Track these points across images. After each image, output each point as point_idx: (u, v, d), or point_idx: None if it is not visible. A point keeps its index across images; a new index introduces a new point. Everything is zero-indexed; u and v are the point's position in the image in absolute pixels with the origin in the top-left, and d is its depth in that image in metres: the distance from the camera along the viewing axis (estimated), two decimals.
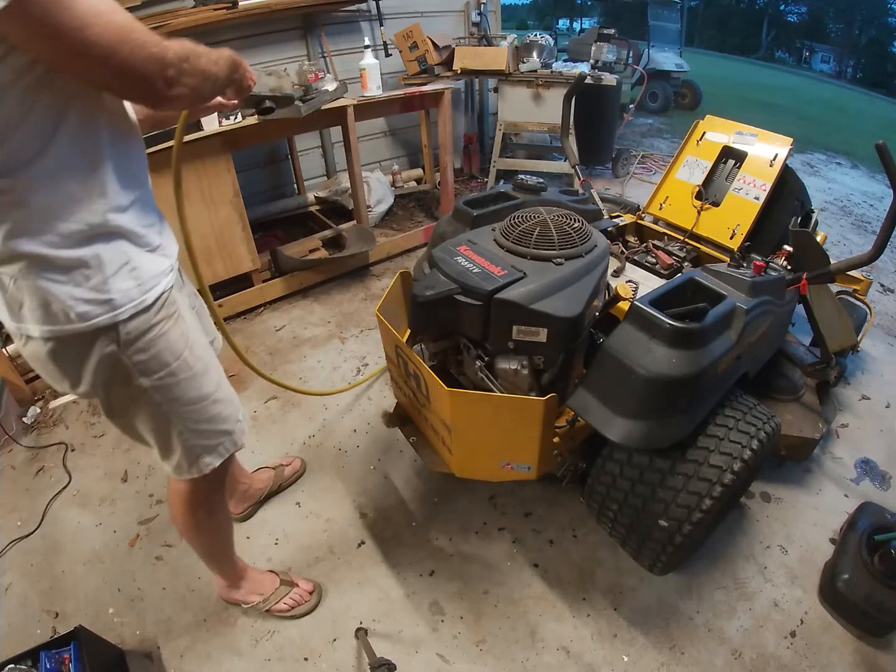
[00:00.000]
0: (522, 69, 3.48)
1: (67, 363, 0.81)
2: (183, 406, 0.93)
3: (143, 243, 0.84)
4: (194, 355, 0.93)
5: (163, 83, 0.69)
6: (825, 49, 18.69)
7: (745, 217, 1.75)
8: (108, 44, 0.62)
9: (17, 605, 1.42)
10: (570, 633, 1.34)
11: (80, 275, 0.75)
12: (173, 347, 0.88)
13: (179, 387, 0.91)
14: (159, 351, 0.86)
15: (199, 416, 0.96)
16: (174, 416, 0.93)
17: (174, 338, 0.88)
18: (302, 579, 1.41)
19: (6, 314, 0.78)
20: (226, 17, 2.53)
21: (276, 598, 1.35)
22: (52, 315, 0.75)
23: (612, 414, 1.10)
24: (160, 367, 0.87)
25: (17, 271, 0.73)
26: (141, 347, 0.84)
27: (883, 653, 1.31)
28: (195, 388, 0.93)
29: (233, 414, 1.03)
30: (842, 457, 1.83)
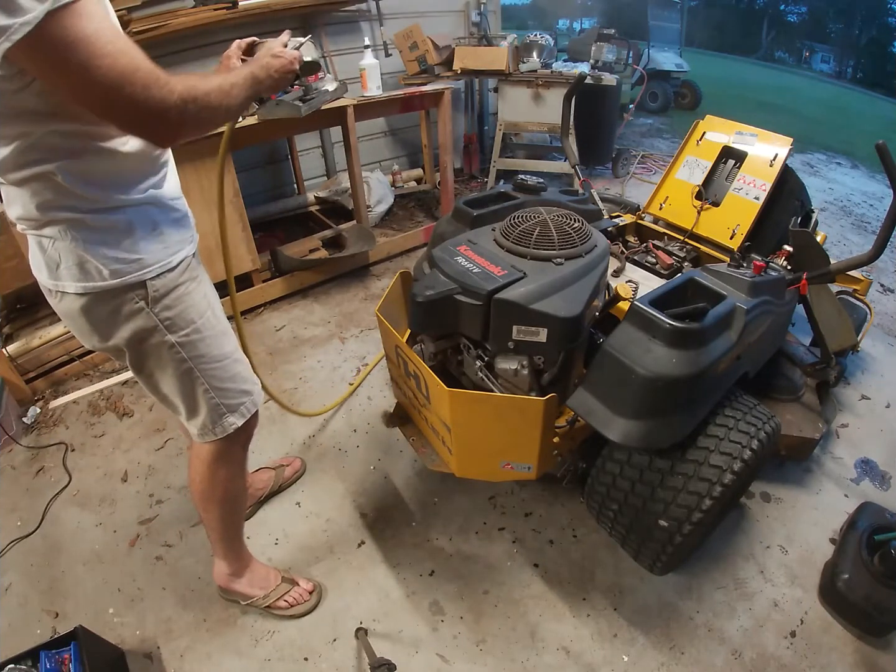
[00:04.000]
0: (522, 69, 3.48)
1: (99, 318, 0.89)
2: (208, 363, 0.99)
3: (169, 212, 0.92)
4: (216, 315, 1.01)
5: (164, 125, 0.73)
6: (825, 49, 18.65)
7: (745, 217, 1.75)
8: (110, 84, 0.65)
9: (17, 605, 1.42)
10: (570, 633, 1.34)
11: (113, 237, 0.84)
12: (197, 306, 0.96)
13: (204, 343, 0.97)
14: (185, 308, 0.93)
15: (222, 373, 1.02)
16: (199, 372, 0.99)
17: (198, 298, 0.96)
18: (302, 579, 1.41)
19: (45, 273, 0.86)
20: (226, 17, 2.53)
21: (277, 595, 1.35)
22: (87, 273, 0.83)
23: (612, 414, 1.10)
24: (186, 323, 0.94)
25: (57, 233, 0.81)
26: (167, 304, 0.91)
27: (883, 653, 1.31)
28: (218, 345, 1.00)
29: (251, 375, 1.11)
30: (842, 457, 1.83)
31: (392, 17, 3.49)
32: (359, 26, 3.43)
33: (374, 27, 3.46)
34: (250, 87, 0.88)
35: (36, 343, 2.12)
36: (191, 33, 2.55)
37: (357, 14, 3.38)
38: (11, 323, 2.23)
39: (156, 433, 1.93)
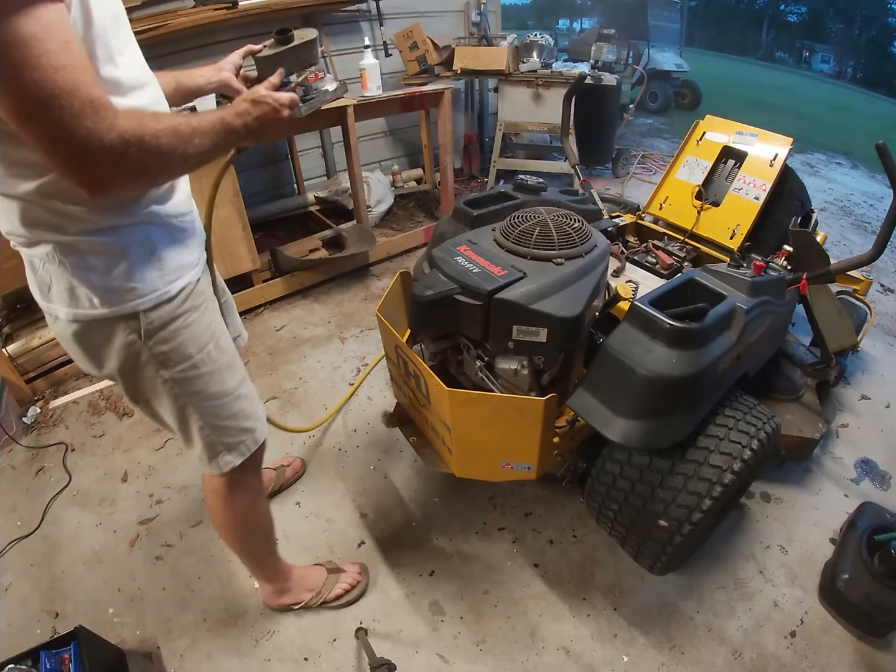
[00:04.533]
0: (522, 69, 3.48)
1: (91, 346, 0.82)
2: (204, 401, 0.91)
3: (171, 232, 0.83)
4: (219, 348, 0.91)
5: (93, 167, 0.61)
6: (825, 49, 18.65)
7: (745, 217, 1.75)
8: (35, 101, 0.55)
9: (17, 605, 1.42)
10: (570, 633, 1.34)
11: (104, 263, 0.76)
12: (197, 339, 0.87)
13: (202, 380, 0.89)
14: (182, 342, 0.85)
15: (221, 411, 0.94)
16: (195, 410, 0.91)
17: (199, 330, 0.87)
18: (345, 563, 1.43)
19: (37, 293, 0.81)
20: (226, 17, 2.53)
21: (328, 590, 1.35)
22: (77, 299, 0.77)
23: (612, 414, 1.10)
24: (182, 359, 0.86)
25: (46, 255, 0.74)
26: (163, 338, 0.83)
27: (883, 653, 1.31)
28: (218, 381, 0.92)
29: (256, 411, 1.02)
30: (842, 457, 1.83)
31: (392, 17, 3.49)
32: (359, 26, 3.43)
33: (374, 27, 3.46)
34: (219, 135, 0.75)
35: (36, 343, 2.12)
36: (191, 33, 2.55)
37: (357, 14, 3.38)
38: (11, 323, 2.23)
39: (156, 433, 1.93)
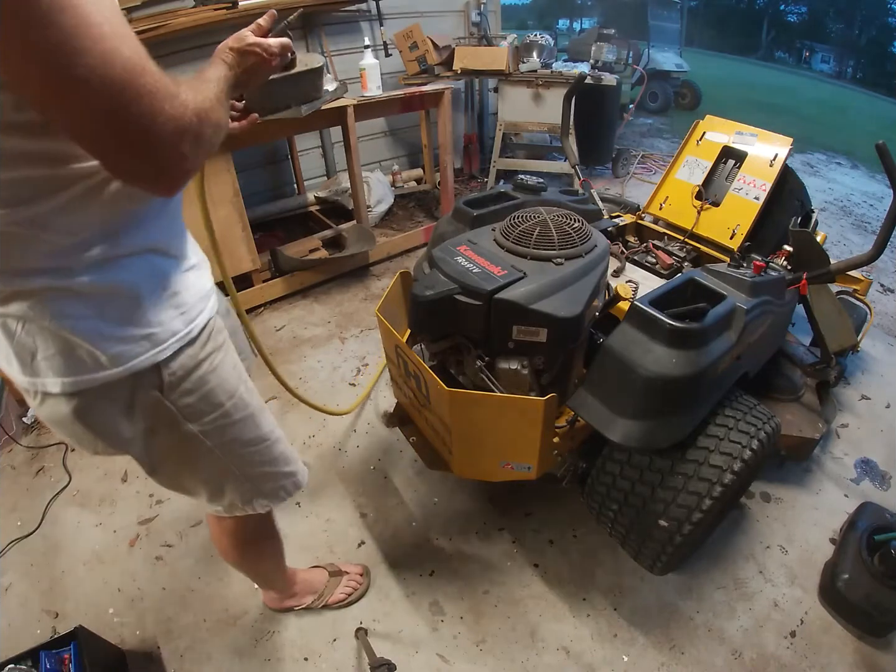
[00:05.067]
0: (522, 69, 3.48)
1: (99, 421, 0.66)
2: (240, 448, 0.81)
3: (181, 261, 0.69)
4: (249, 389, 0.80)
5: (175, 160, 0.51)
6: (825, 49, 18.65)
7: (745, 217, 1.75)
8: (103, 83, 0.43)
9: (17, 605, 1.42)
10: (570, 633, 1.34)
11: (112, 306, 0.60)
12: (226, 384, 0.75)
13: (236, 427, 0.78)
14: (211, 390, 0.73)
15: (259, 457, 0.84)
16: (230, 460, 0.81)
17: (226, 372, 0.75)
18: (348, 564, 1.42)
19: (17, 368, 0.61)
20: (226, 17, 2.53)
21: (330, 593, 1.35)
22: (77, 361, 0.60)
23: (612, 414, 1.10)
24: (212, 408, 0.74)
25: (27, 310, 0.57)
26: (188, 389, 0.70)
27: (883, 653, 1.31)
28: (253, 427, 0.81)
29: (293, 452, 0.92)
30: (842, 457, 1.83)
31: (392, 17, 3.48)
32: (359, 26, 3.43)
33: (374, 27, 3.46)
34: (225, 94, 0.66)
35: None
36: (191, 33, 2.55)
37: (357, 14, 3.38)
38: None
39: None
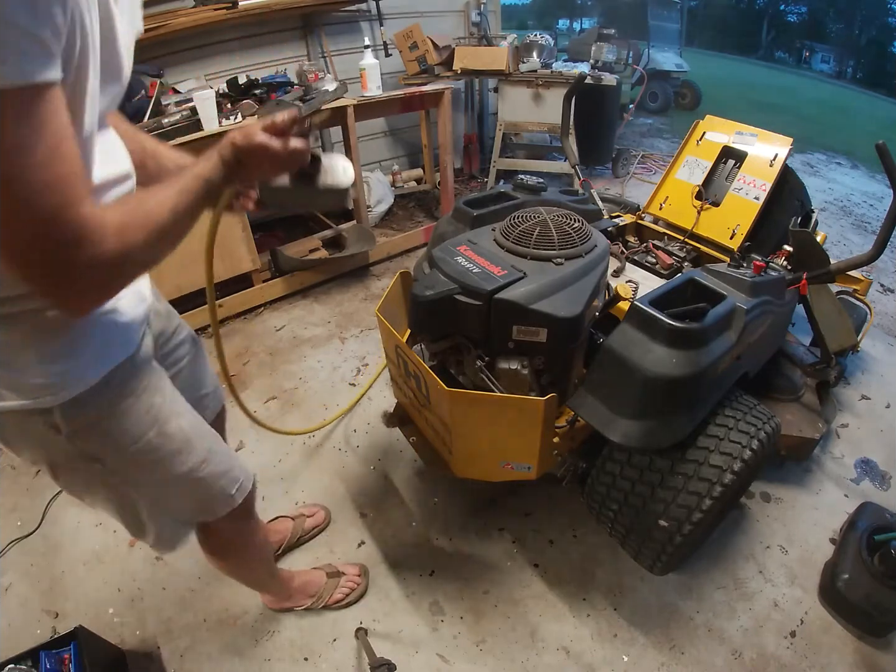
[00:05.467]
0: (522, 69, 3.48)
1: (9, 437, 0.70)
2: (152, 488, 0.80)
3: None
4: (165, 433, 0.77)
5: (81, 294, 0.51)
6: (825, 49, 18.64)
7: (745, 217, 1.75)
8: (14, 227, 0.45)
9: (17, 605, 1.42)
10: (570, 633, 1.34)
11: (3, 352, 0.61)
12: (133, 429, 0.72)
13: (145, 470, 0.77)
14: (112, 436, 0.71)
15: (176, 498, 0.84)
16: (141, 497, 0.81)
17: (135, 418, 0.72)
18: (346, 565, 1.41)
19: None
20: (226, 17, 2.53)
21: (328, 594, 1.34)
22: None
23: (612, 414, 1.10)
24: (115, 451, 0.72)
25: None
26: (87, 433, 0.69)
27: (883, 653, 1.31)
28: (162, 471, 0.79)
29: (222, 489, 0.89)
30: (842, 457, 1.83)
31: (392, 17, 3.48)
32: (359, 26, 3.43)
33: (374, 27, 3.46)
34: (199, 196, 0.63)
35: None
36: (191, 33, 2.55)
37: (357, 14, 3.38)
38: None
39: None
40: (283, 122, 0.69)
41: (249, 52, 3.00)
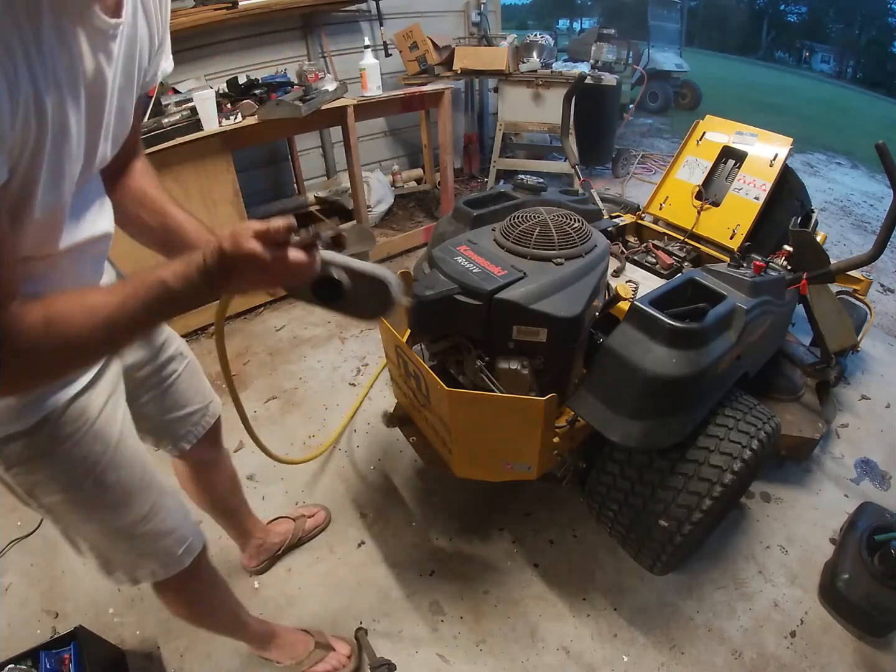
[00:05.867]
0: (522, 69, 3.48)
1: None
2: (86, 532, 0.78)
3: None
4: (105, 482, 0.73)
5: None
6: (825, 49, 18.64)
7: (745, 217, 1.75)
8: None
9: (17, 605, 1.42)
10: (570, 633, 1.34)
11: None
12: (69, 474, 0.70)
13: (78, 514, 0.75)
14: (49, 476, 0.69)
15: (111, 549, 0.81)
16: (79, 536, 0.78)
17: (73, 462, 0.70)
18: (339, 641, 1.30)
19: None
20: (226, 17, 2.53)
21: (311, 663, 1.24)
22: None
23: (613, 414, 1.10)
24: (49, 493, 0.71)
25: None
26: (23, 472, 0.68)
27: (883, 653, 1.31)
28: (99, 520, 0.76)
29: (162, 550, 0.84)
30: (842, 457, 1.83)
31: (392, 17, 3.48)
32: (359, 26, 3.43)
33: (374, 27, 3.46)
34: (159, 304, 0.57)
35: None
36: (191, 33, 2.55)
37: (357, 14, 3.38)
38: None
39: None
40: (277, 232, 0.58)
41: (249, 52, 3.00)
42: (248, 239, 0.57)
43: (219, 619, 1.11)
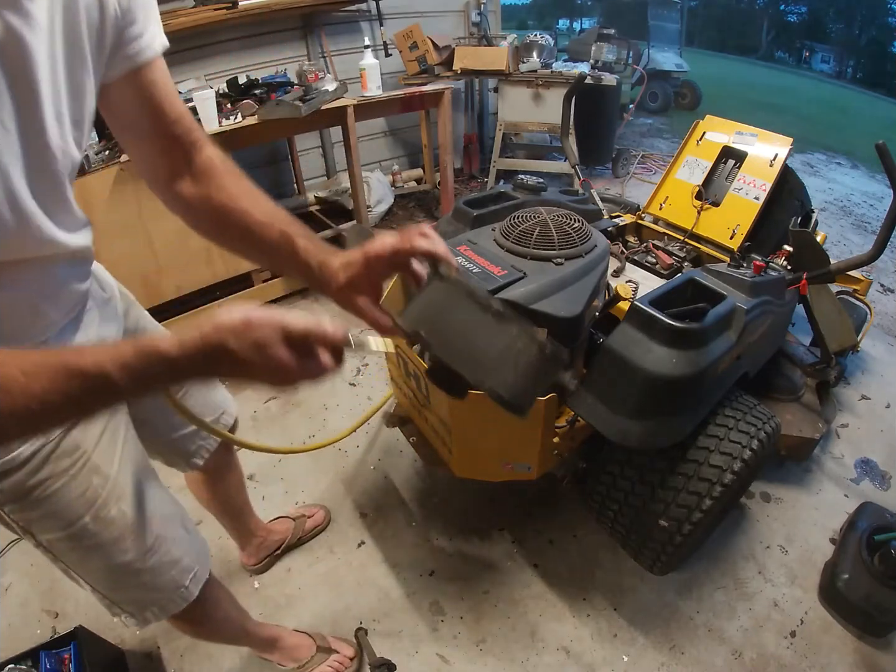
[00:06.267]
0: (522, 69, 3.48)
1: None
2: (87, 573, 0.75)
3: None
4: (103, 519, 0.69)
5: None
6: (825, 49, 18.65)
7: (745, 217, 1.75)
8: None
9: (17, 605, 1.42)
10: (570, 633, 1.34)
11: None
12: (67, 511, 0.66)
13: (78, 553, 0.71)
14: (45, 514, 0.65)
15: (111, 585, 0.77)
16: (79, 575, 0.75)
17: (70, 498, 0.66)
18: (341, 642, 1.30)
19: None
20: (226, 17, 2.53)
21: (313, 666, 1.23)
22: None
23: (613, 414, 1.10)
24: (48, 529, 0.67)
25: None
26: (18, 508, 0.64)
27: (883, 653, 1.31)
28: (100, 557, 0.72)
29: (170, 582, 0.81)
30: (842, 457, 1.83)
31: (392, 17, 3.48)
32: (359, 26, 3.43)
33: (374, 27, 3.46)
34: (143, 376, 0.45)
35: None
36: (191, 33, 2.55)
37: (357, 14, 3.38)
38: None
39: None
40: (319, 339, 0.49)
41: (249, 52, 3.00)
42: (276, 345, 0.47)
43: (225, 634, 1.10)
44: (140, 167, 0.69)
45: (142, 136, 0.65)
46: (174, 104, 0.65)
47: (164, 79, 0.64)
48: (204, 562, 0.89)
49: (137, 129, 0.65)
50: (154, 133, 0.64)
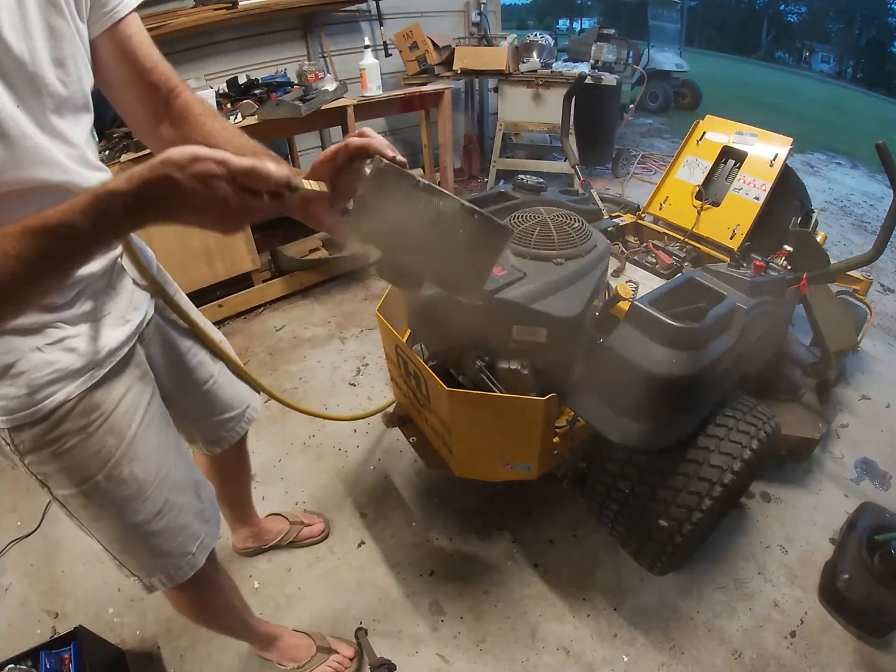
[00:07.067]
0: (522, 69, 3.48)
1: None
2: (99, 531, 0.77)
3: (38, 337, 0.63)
4: (115, 478, 0.72)
5: None
6: (825, 49, 18.64)
7: (745, 217, 1.75)
8: None
9: (17, 605, 1.42)
10: (570, 633, 1.34)
11: None
12: (81, 468, 0.70)
13: (90, 510, 0.74)
14: (60, 468, 0.69)
15: (122, 545, 0.80)
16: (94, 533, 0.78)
17: (84, 456, 0.69)
18: (342, 643, 1.29)
19: None
20: (226, 17, 2.54)
21: (313, 666, 1.23)
22: None
23: (612, 414, 1.10)
24: (63, 485, 0.70)
25: None
26: (36, 460, 0.68)
27: (883, 653, 1.31)
28: (118, 514, 0.75)
29: (176, 548, 0.83)
30: (842, 457, 1.83)
31: (392, 17, 3.48)
32: (359, 26, 3.43)
33: (374, 27, 3.46)
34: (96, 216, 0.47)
35: None
36: (191, 33, 2.56)
37: (357, 14, 3.38)
38: None
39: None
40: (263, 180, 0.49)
41: (249, 52, 3.00)
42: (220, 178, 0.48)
43: (225, 623, 1.11)
44: (127, 118, 0.76)
45: (123, 87, 0.72)
46: (150, 54, 0.72)
47: (140, 32, 0.71)
48: (212, 532, 0.90)
49: (119, 80, 0.71)
50: (133, 82, 0.71)
